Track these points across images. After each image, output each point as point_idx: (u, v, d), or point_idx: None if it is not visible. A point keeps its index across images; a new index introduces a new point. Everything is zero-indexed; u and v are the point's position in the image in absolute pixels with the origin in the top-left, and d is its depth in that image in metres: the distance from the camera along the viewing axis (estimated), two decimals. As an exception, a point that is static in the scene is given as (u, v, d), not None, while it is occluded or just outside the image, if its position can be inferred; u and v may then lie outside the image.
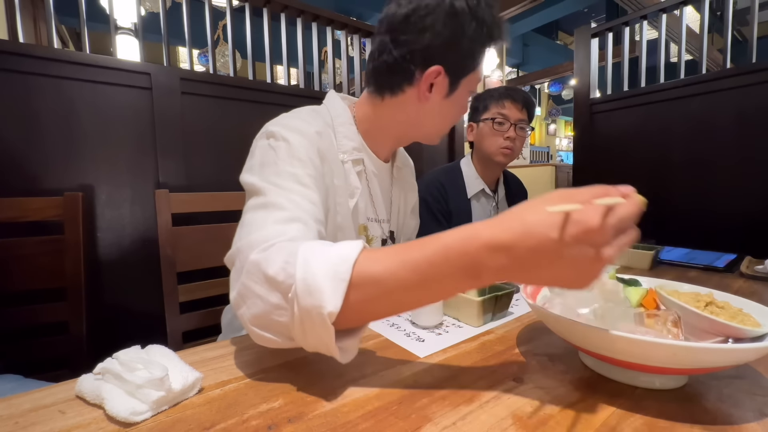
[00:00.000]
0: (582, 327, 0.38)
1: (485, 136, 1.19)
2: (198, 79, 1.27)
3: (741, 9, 4.55)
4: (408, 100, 0.63)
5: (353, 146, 0.64)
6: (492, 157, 1.19)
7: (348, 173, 0.63)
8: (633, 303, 0.47)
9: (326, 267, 0.36)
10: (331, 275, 0.35)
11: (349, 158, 0.64)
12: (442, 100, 0.63)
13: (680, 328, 0.39)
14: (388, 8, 0.61)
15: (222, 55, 3.47)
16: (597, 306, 0.46)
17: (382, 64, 0.62)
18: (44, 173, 1.05)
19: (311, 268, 0.36)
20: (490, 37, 0.61)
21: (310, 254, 0.37)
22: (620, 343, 0.35)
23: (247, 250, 0.41)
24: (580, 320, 0.42)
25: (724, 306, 0.43)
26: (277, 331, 0.39)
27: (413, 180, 0.86)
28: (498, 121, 1.16)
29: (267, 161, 0.52)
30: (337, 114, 0.65)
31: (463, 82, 0.63)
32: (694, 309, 0.43)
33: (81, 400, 0.37)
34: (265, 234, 0.42)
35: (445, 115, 0.66)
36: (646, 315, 0.42)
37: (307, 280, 0.35)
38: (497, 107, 1.16)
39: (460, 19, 0.57)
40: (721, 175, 1.45)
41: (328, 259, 0.36)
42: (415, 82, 0.61)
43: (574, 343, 0.41)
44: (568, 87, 8.23)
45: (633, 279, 0.55)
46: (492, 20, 0.59)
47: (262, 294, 0.38)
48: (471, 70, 0.62)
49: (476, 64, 0.62)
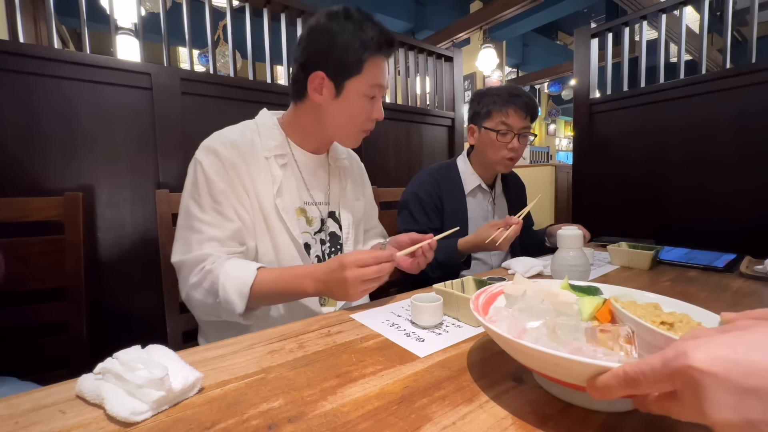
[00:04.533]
0: (518, 345, 0.34)
1: (488, 145, 1.16)
2: (198, 79, 1.27)
3: (741, 9, 4.55)
4: (311, 105, 0.79)
5: (275, 144, 0.80)
6: (494, 166, 1.19)
7: (271, 166, 0.78)
8: (584, 316, 0.42)
9: (235, 288, 0.66)
10: (237, 293, 0.66)
11: (271, 154, 0.79)
12: (333, 101, 0.77)
13: (634, 345, 0.35)
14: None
15: (222, 55, 3.46)
16: (548, 319, 0.42)
17: (291, 79, 0.83)
18: (44, 173, 1.05)
19: (227, 290, 0.66)
20: (365, 48, 0.74)
21: (225, 279, 0.67)
22: (556, 363, 0.32)
23: (187, 270, 0.70)
24: (526, 336, 0.39)
25: (682, 320, 0.39)
26: (211, 314, 0.72)
27: (358, 170, 1.00)
28: (502, 133, 1.12)
29: (193, 187, 0.73)
30: (262, 122, 0.83)
31: (348, 85, 0.76)
32: (647, 324, 0.38)
33: (81, 400, 0.37)
34: (194, 257, 0.69)
35: (343, 116, 0.79)
36: (599, 330, 0.37)
37: (226, 297, 0.66)
38: (500, 116, 1.12)
39: (330, 34, 0.73)
40: (720, 175, 1.45)
41: (235, 283, 0.66)
42: (309, 87, 0.77)
43: (519, 360, 0.38)
44: (568, 87, 8.23)
45: (591, 287, 0.51)
46: (369, 35, 0.73)
47: (201, 299, 0.70)
48: (353, 74, 0.75)
49: (358, 69, 0.75)
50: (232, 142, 0.75)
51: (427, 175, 1.23)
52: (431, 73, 2.11)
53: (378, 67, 0.77)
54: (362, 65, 0.75)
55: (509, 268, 0.96)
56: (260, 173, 0.76)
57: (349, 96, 0.77)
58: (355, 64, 0.74)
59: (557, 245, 0.82)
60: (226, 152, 0.73)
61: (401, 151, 1.90)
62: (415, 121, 1.96)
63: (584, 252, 0.80)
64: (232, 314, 0.68)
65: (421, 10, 6.05)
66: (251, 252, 0.77)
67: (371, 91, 0.78)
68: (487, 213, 1.26)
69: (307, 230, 0.83)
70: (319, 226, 0.86)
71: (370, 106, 0.80)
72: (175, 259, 0.73)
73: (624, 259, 1.02)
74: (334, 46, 0.73)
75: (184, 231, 0.73)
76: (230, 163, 0.73)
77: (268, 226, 0.77)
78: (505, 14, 4.21)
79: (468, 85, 5.86)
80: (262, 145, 0.79)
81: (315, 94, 0.77)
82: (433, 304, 0.57)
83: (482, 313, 0.45)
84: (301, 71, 0.77)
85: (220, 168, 0.73)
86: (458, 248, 1.05)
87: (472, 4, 5.55)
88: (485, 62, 4.70)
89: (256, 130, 0.81)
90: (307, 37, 0.76)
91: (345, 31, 0.73)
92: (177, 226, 0.75)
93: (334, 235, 0.88)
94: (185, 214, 0.73)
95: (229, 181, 0.73)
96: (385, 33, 0.76)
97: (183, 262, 0.71)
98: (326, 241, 0.87)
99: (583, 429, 0.34)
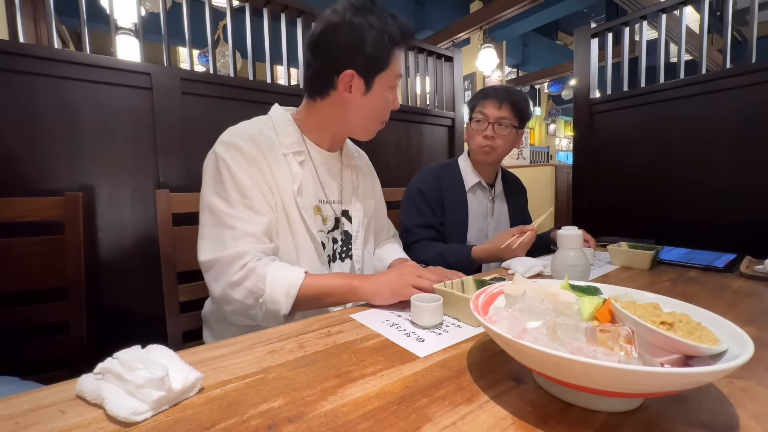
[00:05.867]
0: (518, 345, 0.34)
1: (470, 135, 1.24)
2: (198, 79, 1.27)
3: (741, 9, 4.55)
4: (334, 101, 0.77)
5: (292, 141, 0.79)
6: (474, 155, 1.24)
7: (290, 163, 0.77)
8: (584, 316, 0.42)
9: (283, 288, 0.66)
10: (285, 293, 0.66)
11: (289, 151, 0.78)
12: (362, 98, 0.77)
13: (634, 345, 0.35)
14: (309, 30, 0.77)
15: (222, 55, 3.46)
16: (548, 319, 0.42)
17: (309, 76, 0.79)
18: (45, 173, 1.05)
19: (274, 289, 0.66)
20: (393, 42, 0.74)
21: (272, 278, 0.66)
22: (557, 363, 0.32)
23: (222, 267, 0.67)
24: (526, 336, 0.39)
25: (682, 319, 0.39)
26: (246, 315, 0.70)
27: (368, 169, 1.01)
28: (476, 120, 1.20)
29: (217, 183, 0.71)
30: (277, 118, 0.81)
31: (377, 80, 0.76)
32: (647, 324, 0.38)
33: (81, 400, 0.37)
34: (230, 254, 0.67)
35: (368, 110, 0.79)
36: (599, 330, 0.37)
37: (273, 296, 0.66)
38: (479, 107, 1.20)
39: (360, 31, 0.71)
40: (720, 175, 1.45)
41: (283, 284, 0.66)
42: (336, 85, 0.75)
43: (519, 360, 0.38)
44: (568, 87, 8.22)
45: (591, 287, 0.50)
46: (393, 28, 0.73)
47: (241, 299, 0.67)
48: (382, 69, 0.75)
49: (386, 64, 0.75)
50: (252, 137, 0.73)
51: (429, 171, 1.26)
52: (431, 73, 2.11)
53: (400, 59, 0.78)
54: (390, 59, 0.75)
55: (509, 268, 0.96)
56: (281, 170, 0.75)
57: (378, 90, 0.77)
58: (384, 60, 0.74)
59: (557, 245, 0.82)
60: (247, 147, 0.72)
61: (401, 151, 1.90)
62: (415, 121, 1.96)
63: (584, 252, 0.80)
64: (272, 316, 0.67)
65: (421, 10, 6.05)
66: (274, 250, 0.75)
67: (395, 82, 0.78)
68: (486, 211, 1.27)
69: (322, 228, 0.83)
70: (333, 224, 0.85)
71: (392, 98, 0.80)
72: (206, 258, 0.69)
73: (624, 259, 1.02)
74: (364, 43, 0.71)
75: (212, 228, 0.70)
76: (252, 157, 0.72)
77: (289, 223, 0.76)
78: (505, 14, 4.21)
79: (468, 85, 5.85)
80: (279, 142, 0.77)
81: (345, 92, 0.75)
82: (433, 304, 0.57)
83: (482, 313, 0.45)
84: (326, 69, 0.75)
85: (243, 163, 0.71)
86: (472, 257, 1.06)
87: (472, 4, 5.55)
88: (485, 62, 4.71)
89: (271, 126, 0.79)
90: (331, 34, 0.72)
91: (372, 26, 0.71)
92: (201, 224, 0.72)
93: (347, 233, 0.88)
94: (211, 212, 0.70)
95: (252, 175, 0.71)
96: (405, 24, 0.75)
97: (217, 259, 0.68)
98: (338, 240, 0.86)
99: (583, 429, 0.34)
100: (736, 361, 0.30)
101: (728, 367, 0.30)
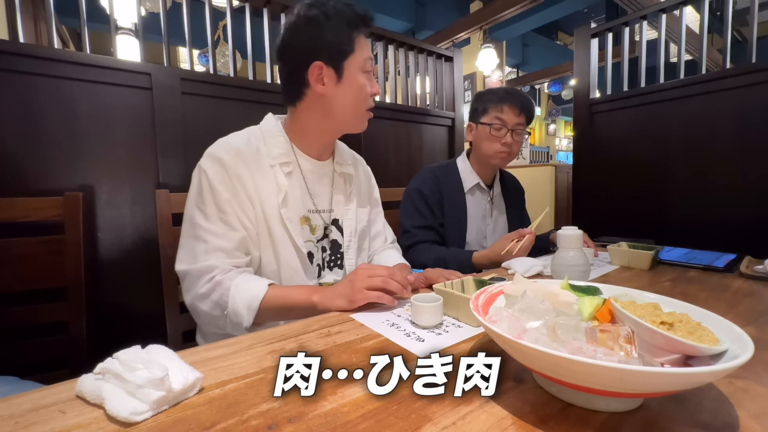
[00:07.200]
0: (518, 345, 0.35)
1: (483, 140, 1.20)
2: (198, 79, 1.27)
3: (741, 9, 4.55)
4: (312, 100, 0.78)
5: (280, 152, 0.80)
6: (489, 160, 1.22)
7: (276, 174, 0.77)
8: (584, 316, 0.42)
9: (244, 301, 0.67)
10: (246, 306, 0.67)
11: (276, 162, 0.78)
12: (337, 87, 0.77)
13: (634, 345, 0.35)
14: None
15: (222, 55, 3.46)
16: (548, 319, 0.42)
17: (282, 82, 0.82)
18: (45, 173, 1.05)
19: (236, 302, 0.68)
20: (352, 26, 0.75)
21: (235, 291, 0.68)
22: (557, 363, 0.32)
23: (192, 280, 0.71)
24: (526, 336, 0.39)
25: (682, 320, 0.39)
26: (215, 325, 0.73)
27: (364, 176, 1.00)
28: (495, 127, 1.17)
29: (198, 195, 0.73)
30: (267, 129, 0.82)
31: (346, 66, 0.76)
32: (647, 324, 0.38)
33: (81, 400, 0.37)
34: (199, 268, 0.70)
35: (347, 99, 0.78)
36: (599, 330, 0.37)
37: (235, 309, 0.68)
38: (495, 111, 1.17)
39: (317, 22, 0.73)
40: (720, 175, 1.45)
41: (245, 296, 0.67)
42: (308, 82, 0.76)
43: (519, 360, 0.38)
44: (568, 87, 8.22)
45: (591, 287, 0.50)
46: (349, 13, 0.75)
47: (208, 311, 0.71)
48: (347, 53, 0.76)
49: (350, 48, 0.76)
50: (237, 151, 0.75)
51: (428, 172, 1.25)
52: (431, 73, 2.11)
53: (365, 42, 0.79)
54: (353, 43, 0.76)
55: (509, 268, 0.96)
56: (265, 182, 0.76)
57: (350, 76, 0.77)
58: (347, 44, 0.75)
59: (557, 245, 0.82)
60: (230, 161, 0.73)
61: (401, 151, 1.90)
62: (415, 121, 1.96)
63: (584, 252, 0.80)
64: (237, 327, 0.69)
65: (421, 10, 6.05)
66: (255, 262, 0.77)
67: (367, 65, 0.78)
68: (485, 212, 1.27)
69: (311, 239, 0.83)
70: (322, 233, 0.85)
71: (368, 83, 0.80)
72: (180, 268, 0.73)
73: (624, 259, 1.02)
74: (323, 33, 0.73)
75: (189, 239, 0.73)
76: (234, 172, 0.73)
77: (271, 235, 0.76)
78: (505, 14, 4.21)
79: (468, 85, 5.85)
80: (267, 153, 0.78)
81: (318, 85, 0.76)
82: (433, 304, 0.57)
83: (482, 313, 0.45)
84: (295, 69, 0.77)
85: (225, 177, 0.73)
86: (473, 262, 1.06)
87: (472, 4, 5.55)
88: (485, 62, 4.70)
89: (260, 137, 0.80)
90: (291, 35, 0.76)
91: (327, 15, 0.74)
92: (182, 233, 0.75)
93: (335, 243, 0.87)
94: (190, 223, 0.73)
95: (233, 190, 0.73)
96: (362, 9, 0.77)
97: (187, 271, 0.71)
98: (327, 248, 0.86)
99: (583, 429, 0.34)
100: (736, 361, 0.30)
101: (728, 367, 0.30)
